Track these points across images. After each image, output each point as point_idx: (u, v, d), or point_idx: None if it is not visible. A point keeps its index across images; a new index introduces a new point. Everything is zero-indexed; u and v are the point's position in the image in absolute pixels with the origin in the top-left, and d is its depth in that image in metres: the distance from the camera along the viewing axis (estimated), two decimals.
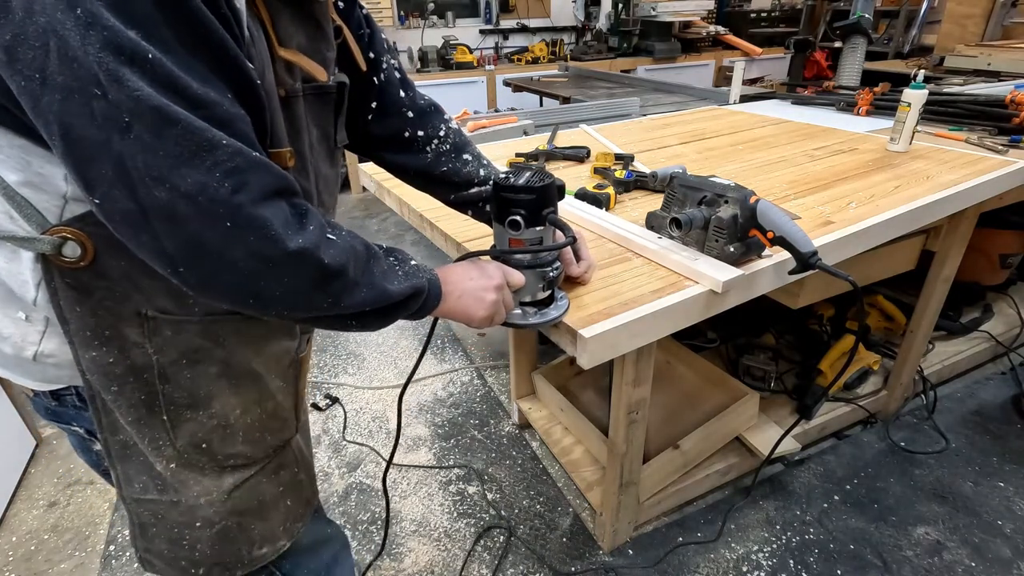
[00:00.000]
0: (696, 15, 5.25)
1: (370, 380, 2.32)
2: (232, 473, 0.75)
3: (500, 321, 0.82)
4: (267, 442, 0.78)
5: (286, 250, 0.53)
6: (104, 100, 0.45)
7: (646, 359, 1.24)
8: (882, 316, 2.21)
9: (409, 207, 1.38)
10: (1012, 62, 3.02)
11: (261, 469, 0.78)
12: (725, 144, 1.85)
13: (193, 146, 0.48)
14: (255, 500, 0.78)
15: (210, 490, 0.74)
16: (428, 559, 1.56)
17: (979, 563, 1.50)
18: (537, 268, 0.85)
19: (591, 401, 1.91)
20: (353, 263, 0.60)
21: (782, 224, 0.95)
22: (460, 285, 0.75)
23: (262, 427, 0.77)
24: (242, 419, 0.74)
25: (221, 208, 0.50)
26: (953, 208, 1.41)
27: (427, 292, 0.70)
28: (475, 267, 0.79)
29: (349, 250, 0.60)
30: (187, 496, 0.73)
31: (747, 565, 1.51)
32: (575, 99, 3.22)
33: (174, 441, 0.70)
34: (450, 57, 4.70)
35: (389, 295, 0.64)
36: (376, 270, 0.64)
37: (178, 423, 0.69)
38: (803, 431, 1.80)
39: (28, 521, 1.71)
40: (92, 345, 0.63)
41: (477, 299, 0.76)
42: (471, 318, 0.77)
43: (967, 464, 1.81)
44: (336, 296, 0.60)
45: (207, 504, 0.74)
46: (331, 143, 0.77)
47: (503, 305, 0.79)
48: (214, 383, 0.70)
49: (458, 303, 0.75)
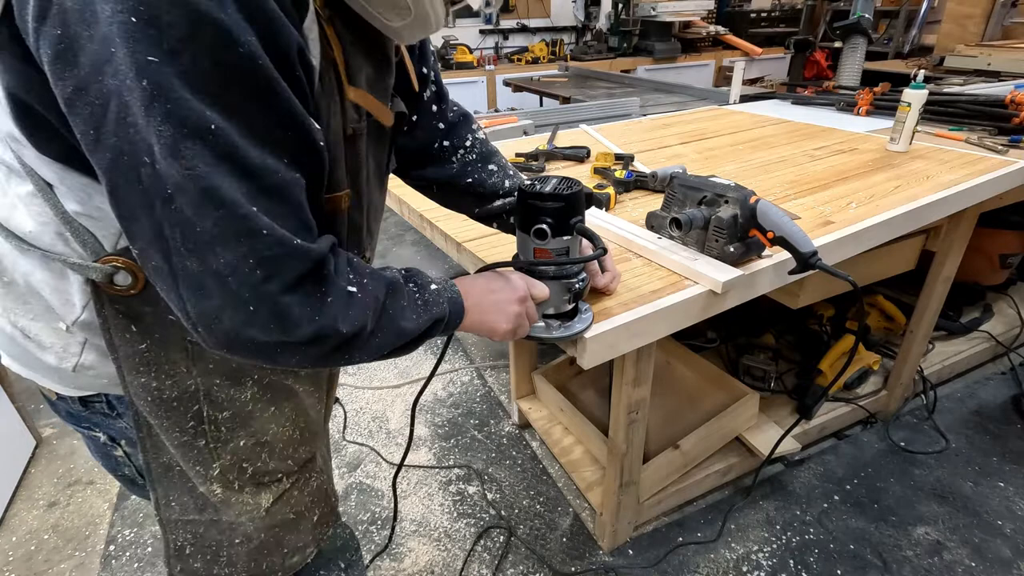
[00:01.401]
0: (696, 15, 5.24)
1: (370, 380, 2.32)
2: (269, 489, 0.76)
3: (524, 334, 0.79)
4: (299, 455, 0.79)
5: (303, 335, 0.53)
6: (152, 168, 0.45)
7: (646, 359, 1.24)
8: (882, 316, 2.21)
9: (409, 207, 1.38)
10: (1012, 62, 3.02)
11: (295, 483, 0.79)
12: (725, 144, 1.85)
13: (233, 230, 0.47)
14: (290, 513, 0.79)
15: (250, 507, 0.74)
16: (428, 559, 1.56)
17: (979, 563, 1.50)
18: (563, 280, 0.81)
19: (591, 401, 1.91)
20: (372, 317, 0.59)
21: (782, 224, 0.95)
22: (482, 298, 0.73)
23: (296, 442, 0.77)
24: (279, 435, 0.75)
25: (247, 293, 0.50)
26: (953, 208, 1.41)
27: (447, 318, 0.68)
28: (498, 279, 0.76)
29: (369, 305, 0.58)
30: (228, 515, 0.74)
31: (747, 565, 1.51)
32: (575, 99, 3.22)
33: (217, 461, 0.71)
34: (450, 57, 4.70)
35: (407, 334, 0.63)
36: (394, 310, 0.62)
37: (221, 443, 0.70)
38: (803, 431, 1.80)
39: (28, 521, 1.71)
40: (140, 371, 0.63)
41: (500, 312, 0.73)
42: (494, 332, 0.74)
43: (967, 464, 1.81)
44: (353, 351, 0.59)
45: (248, 521, 0.75)
46: (383, 171, 0.76)
47: (526, 318, 0.77)
48: (254, 403, 0.71)
49: (481, 318, 0.73)
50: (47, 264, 0.59)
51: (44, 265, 0.59)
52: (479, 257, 1.11)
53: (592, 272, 0.91)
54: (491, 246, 1.15)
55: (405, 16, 0.53)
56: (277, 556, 0.81)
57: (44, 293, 0.60)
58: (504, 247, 1.14)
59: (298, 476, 0.79)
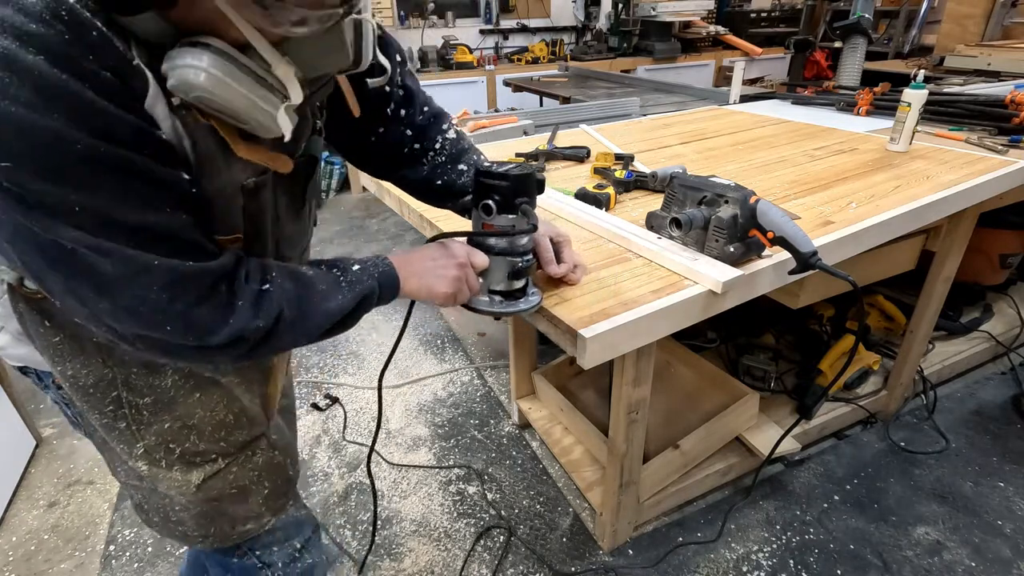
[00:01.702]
0: (696, 15, 5.24)
1: (370, 380, 2.32)
2: (200, 468, 0.80)
3: (464, 300, 0.84)
4: (235, 439, 0.83)
5: (222, 339, 0.60)
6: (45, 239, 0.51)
7: (646, 359, 1.24)
8: (882, 316, 2.21)
9: (409, 207, 1.38)
10: (1012, 62, 3.02)
11: (232, 462, 0.83)
12: (725, 144, 1.85)
13: (130, 271, 0.54)
14: (229, 488, 0.84)
15: (179, 483, 0.79)
16: (428, 559, 1.56)
17: (979, 563, 1.50)
18: (507, 256, 0.85)
19: (591, 401, 1.91)
20: (287, 306, 0.65)
21: (782, 224, 0.95)
22: (421, 265, 0.79)
23: (228, 426, 0.81)
24: (207, 420, 0.79)
25: (159, 316, 0.57)
26: (953, 208, 1.41)
27: (378, 291, 0.73)
28: (440, 248, 0.82)
29: (280, 296, 0.64)
30: (160, 487, 0.81)
31: (747, 565, 1.51)
32: (575, 99, 3.22)
33: (141, 442, 0.76)
34: (450, 57, 4.70)
35: (334, 313, 0.69)
36: (314, 298, 0.68)
37: (144, 426, 0.75)
38: (803, 431, 1.80)
39: (28, 521, 1.71)
40: (56, 360, 0.70)
41: (438, 277, 0.78)
42: (434, 294, 0.79)
43: (967, 464, 1.81)
44: (279, 339, 0.65)
45: (179, 495, 0.81)
46: (298, 206, 0.80)
47: (467, 284, 0.81)
48: (176, 389, 0.76)
49: (420, 283, 0.78)
50: None
51: None
52: None
53: (544, 259, 0.94)
54: None
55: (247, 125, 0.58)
56: (225, 524, 0.86)
57: None
58: None
59: (236, 456, 0.83)
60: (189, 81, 0.52)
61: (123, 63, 0.51)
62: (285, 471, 0.92)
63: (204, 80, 0.52)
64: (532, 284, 0.93)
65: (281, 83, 0.58)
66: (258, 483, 0.87)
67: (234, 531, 0.87)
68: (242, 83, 0.54)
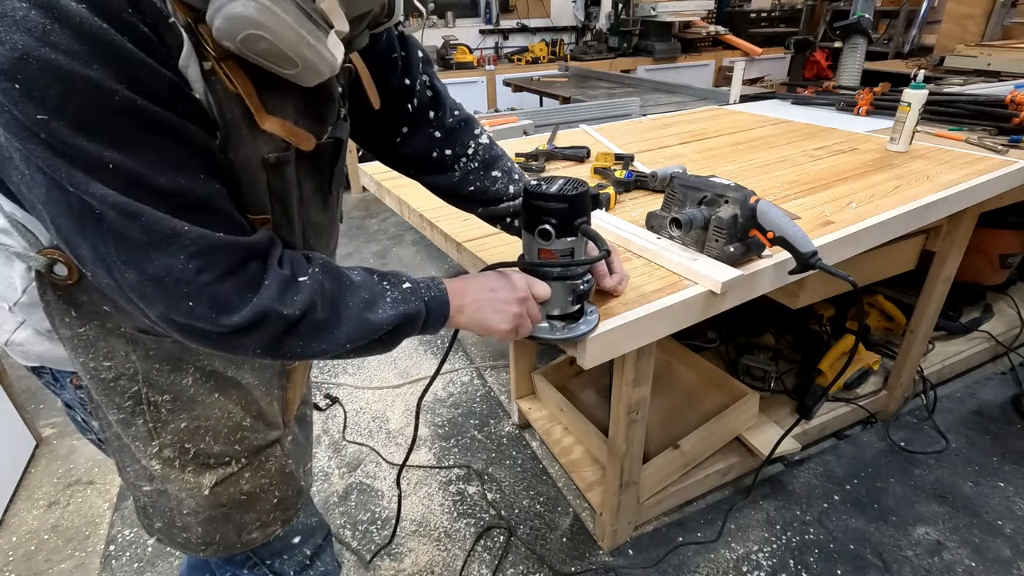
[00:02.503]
0: (696, 15, 5.25)
1: (370, 380, 2.32)
2: (213, 470, 0.78)
3: (526, 334, 0.80)
4: (250, 443, 0.81)
5: (245, 318, 0.57)
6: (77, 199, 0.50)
7: (646, 359, 1.24)
8: (882, 316, 2.21)
9: (409, 207, 1.38)
10: (1012, 62, 3.02)
11: (245, 466, 0.81)
12: (725, 144, 1.85)
13: (158, 235, 0.52)
14: (239, 494, 0.81)
15: (191, 486, 0.77)
16: (428, 559, 1.56)
17: (979, 563, 1.50)
18: (567, 280, 0.81)
19: (591, 401, 1.91)
20: (320, 303, 0.62)
21: (782, 224, 0.95)
22: (479, 297, 0.74)
23: (244, 429, 0.79)
24: (224, 422, 0.77)
25: (184, 288, 0.55)
26: (953, 208, 1.41)
27: (424, 315, 0.69)
28: (500, 278, 0.77)
29: (315, 291, 0.62)
30: (171, 488, 0.78)
31: (747, 565, 1.51)
32: (575, 99, 3.22)
33: (157, 440, 0.74)
34: (450, 57, 4.70)
35: (372, 326, 0.65)
36: (352, 302, 0.65)
37: (161, 424, 0.73)
38: (803, 431, 1.80)
39: (28, 521, 1.71)
40: (79, 351, 0.68)
41: (498, 312, 0.74)
42: (492, 330, 0.75)
43: (967, 464, 1.81)
44: (307, 338, 0.62)
45: (189, 498, 0.78)
46: (325, 191, 0.77)
47: (528, 317, 0.77)
48: (196, 388, 0.74)
49: (476, 316, 0.74)
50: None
51: None
52: (479, 257, 1.11)
53: (599, 274, 0.91)
54: (491, 246, 1.15)
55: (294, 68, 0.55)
56: (231, 531, 0.83)
57: None
58: (505, 247, 1.14)
59: (250, 460, 0.81)
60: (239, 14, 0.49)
61: (160, 19, 0.50)
62: (296, 481, 0.89)
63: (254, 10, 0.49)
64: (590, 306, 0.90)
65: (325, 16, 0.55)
66: (268, 491, 0.85)
67: (240, 540, 0.85)
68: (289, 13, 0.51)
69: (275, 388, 0.84)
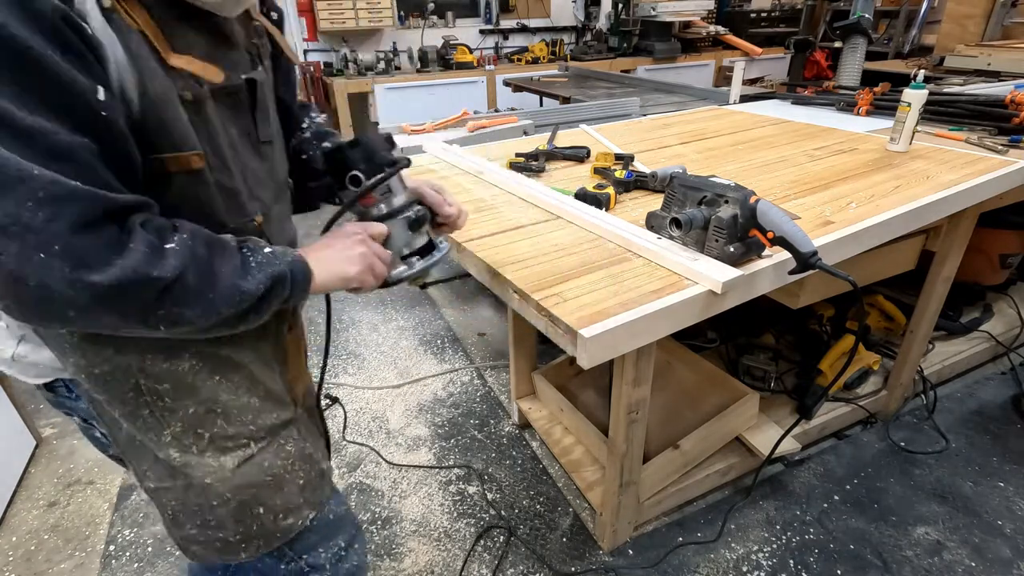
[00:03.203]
0: (696, 15, 5.24)
1: (370, 380, 2.32)
2: (232, 452, 0.79)
3: (383, 275, 0.81)
4: (264, 423, 0.82)
5: (110, 277, 0.53)
6: None
7: (646, 359, 1.24)
8: (882, 316, 2.21)
9: None
10: (1012, 62, 3.02)
11: (265, 447, 0.82)
12: (725, 144, 1.85)
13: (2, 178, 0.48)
14: (264, 475, 0.82)
15: (214, 469, 0.78)
16: (428, 559, 1.56)
17: (979, 563, 1.50)
18: (397, 216, 0.84)
19: (591, 401, 1.91)
20: (193, 268, 0.60)
21: (782, 224, 0.95)
22: (323, 254, 0.75)
23: (255, 410, 0.80)
24: (232, 404, 0.78)
25: (33, 237, 0.49)
26: (953, 208, 1.41)
27: (291, 276, 0.69)
28: (332, 235, 0.79)
29: (186, 257, 0.59)
30: (194, 478, 0.78)
31: (747, 565, 1.51)
32: (575, 99, 3.22)
33: (167, 428, 0.75)
34: (450, 57, 4.70)
35: (245, 293, 0.64)
36: (224, 269, 0.63)
37: (168, 412, 0.74)
38: (803, 431, 1.80)
39: (28, 521, 1.71)
40: (67, 352, 0.69)
41: (345, 259, 0.75)
42: (348, 279, 0.76)
43: (967, 464, 1.81)
44: (181, 303, 0.59)
45: (216, 483, 0.78)
46: (254, 139, 0.78)
47: (378, 258, 0.79)
48: (194, 374, 0.74)
49: (330, 271, 0.74)
50: None
51: None
52: (479, 257, 1.11)
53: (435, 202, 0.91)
54: (491, 245, 1.15)
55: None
56: (266, 517, 0.83)
57: None
58: (505, 247, 1.14)
59: (269, 441, 0.82)
60: None
61: None
62: (317, 463, 0.90)
63: None
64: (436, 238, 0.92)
65: None
66: (292, 472, 0.85)
67: (277, 526, 0.84)
68: None
69: (276, 365, 0.85)
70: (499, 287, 1.06)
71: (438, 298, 2.94)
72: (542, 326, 0.95)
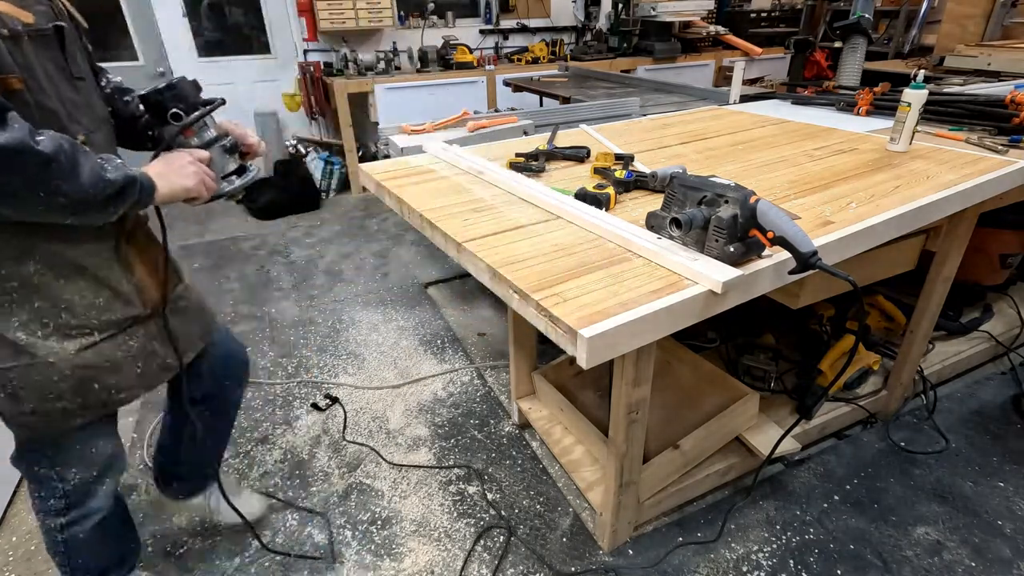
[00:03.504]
0: (696, 15, 5.24)
1: (370, 380, 2.32)
2: (75, 339, 0.99)
3: (213, 189, 1.06)
4: (108, 318, 1.03)
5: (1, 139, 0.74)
6: None
7: (646, 359, 1.24)
8: (882, 316, 2.21)
9: (409, 207, 1.38)
10: (1012, 62, 3.02)
11: (108, 338, 1.03)
12: (725, 144, 1.85)
13: None
14: (103, 360, 1.03)
15: (57, 351, 0.98)
16: (428, 559, 1.56)
17: (979, 563, 1.50)
18: (214, 144, 1.09)
19: (591, 401, 1.91)
20: (64, 154, 0.80)
21: (782, 224, 0.95)
22: (162, 169, 0.99)
23: (99, 308, 1.01)
24: (78, 303, 0.99)
25: None
26: (953, 208, 1.41)
27: (140, 181, 0.92)
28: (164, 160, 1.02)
29: (57, 143, 0.80)
30: (38, 357, 0.97)
31: (747, 565, 1.51)
32: (575, 99, 3.22)
33: (15, 317, 0.94)
34: (450, 57, 4.70)
35: (109, 181, 0.86)
36: (87, 163, 0.84)
37: (16, 304, 0.94)
38: (803, 431, 1.80)
39: (28, 521, 1.71)
40: None
41: (182, 174, 1.00)
42: (188, 189, 1.00)
43: (967, 464, 1.81)
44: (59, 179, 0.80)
45: (57, 361, 0.98)
46: (67, 74, 0.96)
47: (206, 175, 1.04)
48: (39, 276, 0.94)
49: (171, 183, 0.98)
50: None
51: None
52: (479, 257, 1.11)
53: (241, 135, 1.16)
54: (491, 245, 1.15)
55: None
56: (103, 392, 1.04)
57: None
58: (504, 247, 1.14)
59: (112, 334, 1.04)
60: None
61: None
62: (162, 359, 1.13)
63: None
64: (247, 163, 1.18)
65: None
66: (131, 363, 1.07)
67: (110, 398, 1.06)
68: None
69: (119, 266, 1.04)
70: (499, 287, 1.06)
71: (438, 298, 2.94)
72: (542, 326, 0.95)
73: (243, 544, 1.61)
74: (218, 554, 1.59)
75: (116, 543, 1.31)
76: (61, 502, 1.15)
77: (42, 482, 1.13)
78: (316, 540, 1.62)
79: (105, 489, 1.19)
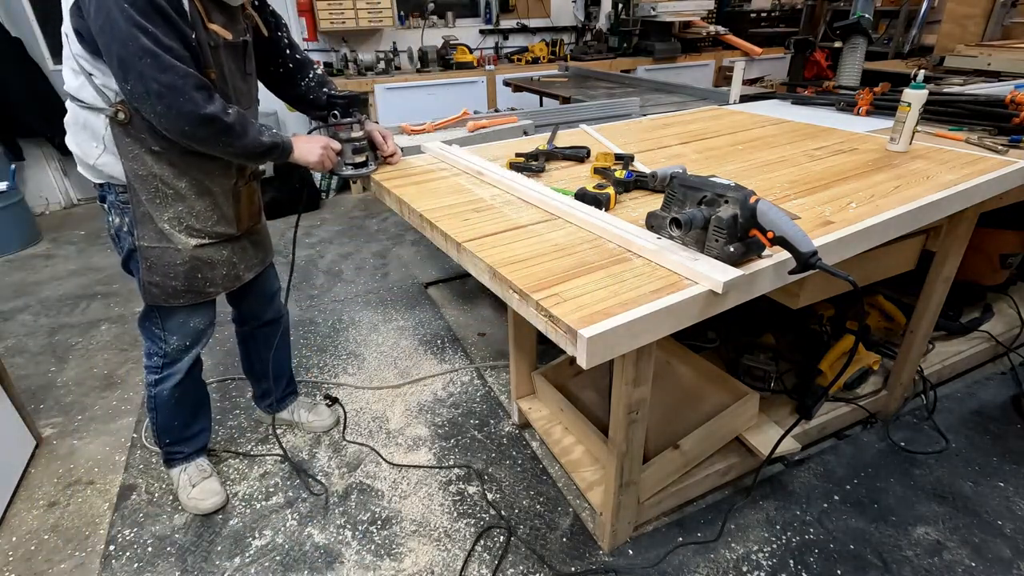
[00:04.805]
0: (696, 15, 5.25)
1: (370, 380, 2.32)
2: (195, 238, 1.42)
3: (330, 167, 1.49)
4: (215, 231, 1.46)
5: (205, 111, 1.19)
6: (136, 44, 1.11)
7: (646, 359, 1.24)
8: (882, 316, 2.21)
9: (409, 207, 1.38)
10: (1012, 62, 3.02)
11: (212, 244, 1.46)
12: (725, 144, 1.85)
13: (164, 64, 1.14)
14: (207, 258, 1.47)
15: (183, 242, 1.41)
16: (428, 559, 1.56)
17: (979, 563, 1.50)
18: (347, 142, 1.52)
19: (591, 401, 1.91)
20: (239, 124, 1.25)
21: (782, 224, 0.95)
22: (302, 145, 1.42)
23: (213, 221, 1.44)
24: (202, 214, 1.42)
25: (178, 91, 1.16)
26: (953, 208, 1.40)
27: (283, 143, 1.37)
28: (310, 138, 1.46)
29: (236, 115, 1.25)
30: (171, 244, 1.40)
31: (747, 565, 1.51)
32: (575, 99, 3.22)
33: (167, 212, 1.37)
34: (450, 57, 4.70)
35: (262, 142, 1.32)
36: (252, 131, 1.29)
37: (169, 205, 1.37)
38: (803, 431, 1.80)
39: (28, 521, 1.71)
40: (129, 159, 1.30)
41: (312, 151, 1.43)
42: (309, 160, 1.43)
43: (967, 464, 1.81)
44: (232, 139, 1.26)
45: (183, 250, 1.41)
46: (242, 71, 1.43)
47: (328, 157, 1.46)
48: (188, 189, 1.37)
49: (303, 152, 1.42)
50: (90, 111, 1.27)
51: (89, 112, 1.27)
52: (479, 257, 1.11)
53: (378, 142, 1.62)
54: (491, 245, 1.15)
55: None
56: (200, 282, 1.48)
57: (90, 125, 1.29)
58: (504, 246, 1.14)
59: (215, 241, 1.47)
60: None
61: None
62: (236, 268, 1.55)
63: None
64: (372, 162, 1.60)
65: None
66: (221, 266, 1.50)
67: (204, 289, 1.49)
68: None
69: (231, 200, 1.48)
70: (499, 287, 1.06)
71: (438, 298, 2.94)
72: (542, 326, 0.95)
73: (243, 544, 1.61)
74: (218, 554, 1.59)
75: (187, 413, 1.68)
76: (160, 361, 1.55)
77: (153, 340, 1.54)
78: (316, 540, 1.62)
79: (190, 356, 1.58)
